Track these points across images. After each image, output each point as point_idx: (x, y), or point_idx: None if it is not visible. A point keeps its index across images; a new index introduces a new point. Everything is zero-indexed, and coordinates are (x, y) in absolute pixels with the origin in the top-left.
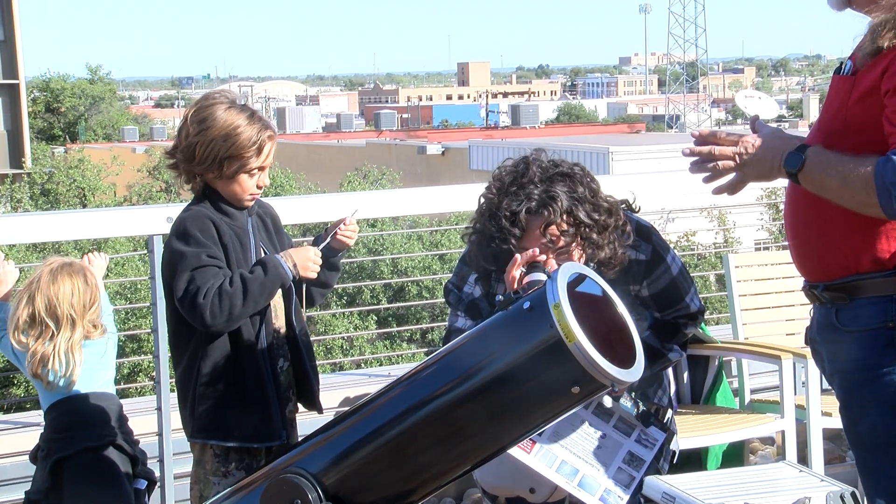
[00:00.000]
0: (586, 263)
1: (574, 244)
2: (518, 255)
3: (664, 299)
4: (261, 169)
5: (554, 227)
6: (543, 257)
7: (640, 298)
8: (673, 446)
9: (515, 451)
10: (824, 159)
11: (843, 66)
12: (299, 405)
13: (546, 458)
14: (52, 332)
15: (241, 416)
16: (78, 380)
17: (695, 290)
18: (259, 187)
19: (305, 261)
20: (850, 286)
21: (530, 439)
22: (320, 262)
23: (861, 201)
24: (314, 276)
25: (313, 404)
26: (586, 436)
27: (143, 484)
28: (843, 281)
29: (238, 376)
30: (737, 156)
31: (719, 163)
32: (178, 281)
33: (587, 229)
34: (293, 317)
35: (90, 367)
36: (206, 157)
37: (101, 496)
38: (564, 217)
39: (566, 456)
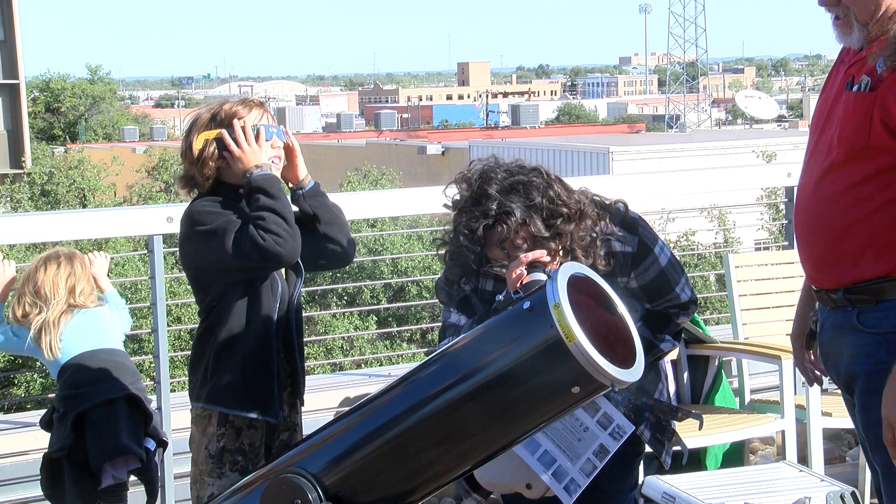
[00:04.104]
0: None
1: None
2: (524, 255)
3: (653, 290)
4: None
5: (509, 241)
6: (547, 256)
7: (630, 290)
8: (679, 447)
9: None
10: None
11: (853, 82)
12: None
13: (529, 445)
14: (42, 307)
15: (245, 388)
16: (83, 342)
17: (686, 280)
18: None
19: (255, 156)
20: (876, 288)
21: None
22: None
23: None
24: (271, 157)
25: (296, 394)
26: (571, 429)
27: (151, 444)
28: (869, 283)
29: (247, 350)
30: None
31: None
32: (229, 248)
33: (544, 240)
34: (291, 312)
35: (92, 331)
36: (214, 149)
37: (123, 445)
38: (520, 231)
39: (549, 446)
